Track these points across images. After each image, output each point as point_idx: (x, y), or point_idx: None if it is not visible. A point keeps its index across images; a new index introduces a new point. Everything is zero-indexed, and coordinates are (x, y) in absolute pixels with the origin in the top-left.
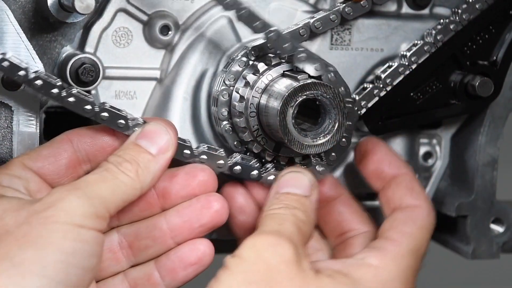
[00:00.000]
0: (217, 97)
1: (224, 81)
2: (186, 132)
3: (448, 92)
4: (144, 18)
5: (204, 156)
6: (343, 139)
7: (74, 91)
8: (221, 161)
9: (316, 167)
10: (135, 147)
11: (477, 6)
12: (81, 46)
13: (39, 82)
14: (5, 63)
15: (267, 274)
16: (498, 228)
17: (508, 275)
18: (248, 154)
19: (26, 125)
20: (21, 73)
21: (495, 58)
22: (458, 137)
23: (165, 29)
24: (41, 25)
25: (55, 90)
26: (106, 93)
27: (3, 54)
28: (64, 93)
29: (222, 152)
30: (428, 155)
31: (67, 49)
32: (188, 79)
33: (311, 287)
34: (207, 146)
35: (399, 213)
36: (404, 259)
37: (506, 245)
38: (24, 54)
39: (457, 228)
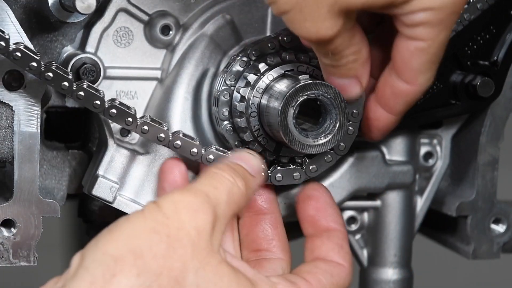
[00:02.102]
0: (218, 97)
1: (225, 81)
2: (187, 132)
3: (449, 92)
4: (145, 18)
5: (211, 156)
6: (350, 127)
7: (85, 85)
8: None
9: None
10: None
11: (478, 6)
12: (82, 46)
13: (50, 74)
14: (18, 54)
15: (175, 232)
16: (498, 228)
17: (509, 275)
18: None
19: (27, 125)
20: (33, 64)
21: (495, 58)
22: (458, 137)
23: (166, 29)
24: (42, 25)
25: (65, 83)
26: (107, 93)
27: (17, 44)
28: (74, 87)
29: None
30: (428, 155)
31: (68, 49)
32: (189, 79)
33: (209, 266)
34: (215, 148)
35: (322, 263)
36: None
37: (507, 245)
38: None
39: (457, 228)
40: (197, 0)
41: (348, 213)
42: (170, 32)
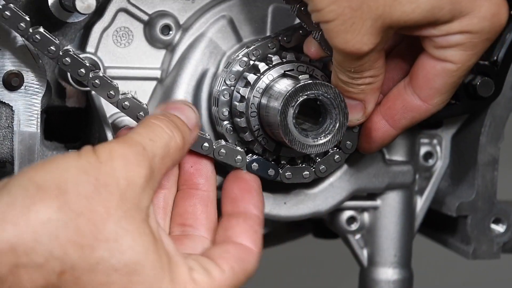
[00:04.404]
0: (217, 97)
1: (224, 81)
2: None
3: None
4: (145, 18)
5: (223, 150)
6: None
7: (100, 74)
8: (239, 157)
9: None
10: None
11: None
12: (82, 46)
13: (68, 59)
14: (37, 36)
15: (105, 177)
16: (498, 228)
17: (508, 275)
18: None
19: (27, 125)
20: (52, 48)
21: (495, 58)
22: (458, 137)
23: (166, 29)
24: (42, 25)
25: (82, 71)
26: None
27: (35, 28)
28: (91, 75)
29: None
30: (428, 155)
31: None
32: (188, 79)
33: (133, 219)
34: (225, 143)
35: (232, 247)
36: None
37: (507, 245)
38: (24, 54)
39: (457, 228)
40: (197, 0)
41: (348, 213)
42: (170, 32)
